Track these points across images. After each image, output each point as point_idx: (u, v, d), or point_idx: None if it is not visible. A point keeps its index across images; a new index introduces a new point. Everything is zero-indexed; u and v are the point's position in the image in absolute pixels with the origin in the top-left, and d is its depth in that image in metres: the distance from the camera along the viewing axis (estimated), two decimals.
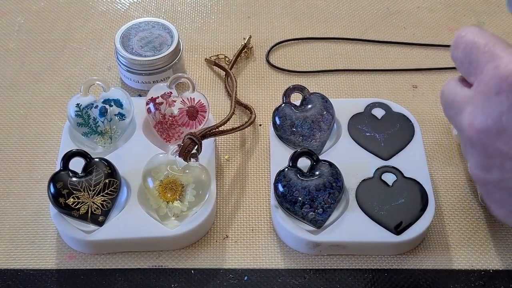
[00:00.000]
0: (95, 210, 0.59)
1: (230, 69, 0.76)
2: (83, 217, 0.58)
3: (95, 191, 0.59)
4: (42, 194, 0.64)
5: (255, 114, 0.69)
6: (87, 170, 0.60)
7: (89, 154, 0.61)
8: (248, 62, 0.79)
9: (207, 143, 0.63)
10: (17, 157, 0.68)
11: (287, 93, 0.67)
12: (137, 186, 0.61)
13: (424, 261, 0.59)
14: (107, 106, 0.65)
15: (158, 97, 0.66)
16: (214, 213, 0.62)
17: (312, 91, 0.68)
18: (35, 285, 0.58)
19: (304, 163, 0.61)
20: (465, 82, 0.45)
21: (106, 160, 0.61)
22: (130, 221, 0.59)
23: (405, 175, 0.61)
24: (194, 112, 0.66)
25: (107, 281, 0.58)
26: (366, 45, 0.81)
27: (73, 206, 0.58)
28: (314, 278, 0.58)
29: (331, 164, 0.61)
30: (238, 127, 0.65)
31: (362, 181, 0.61)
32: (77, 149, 0.61)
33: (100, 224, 0.59)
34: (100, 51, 0.80)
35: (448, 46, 0.47)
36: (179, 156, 0.60)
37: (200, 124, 0.66)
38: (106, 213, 0.59)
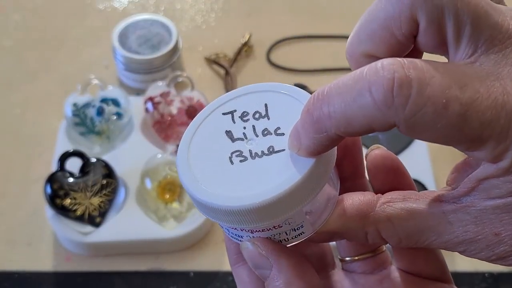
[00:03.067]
0: (92, 211, 0.58)
1: (230, 67, 0.75)
2: (80, 219, 0.58)
3: (92, 192, 0.58)
4: (38, 195, 0.63)
5: None
6: (84, 170, 0.60)
7: (86, 154, 0.60)
8: (248, 60, 0.78)
9: None
10: (13, 157, 0.67)
11: None
12: (135, 187, 0.60)
13: None
14: (105, 106, 0.65)
15: (157, 96, 0.65)
16: None
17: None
18: (31, 287, 0.57)
19: None
20: None
21: (104, 161, 0.60)
22: (128, 223, 0.58)
23: None
24: (193, 112, 0.65)
25: (105, 283, 0.57)
26: None
27: (70, 207, 0.57)
28: None
29: None
30: None
31: None
32: (74, 149, 0.60)
33: (98, 225, 0.58)
34: (98, 49, 0.79)
35: None
36: None
37: None
38: (103, 214, 0.58)
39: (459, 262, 0.58)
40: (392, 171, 0.27)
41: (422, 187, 0.60)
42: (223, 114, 0.26)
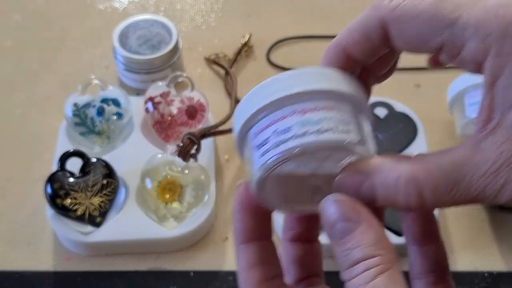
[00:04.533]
0: (92, 211, 0.58)
1: (230, 68, 0.75)
2: (80, 218, 0.58)
3: (92, 191, 0.59)
4: (39, 195, 0.63)
5: None
6: (84, 170, 0.60)
7: (87, 154, 0.60)
8: (248, 61, 0.78)
9: (206, 143, 0.63)
10: (13, 157, 0.67)
11: None
12: (135, 187, 0.60)
13: None
14: (105, 106, 0.65)
15: (157, 96, 0.65)
16: (214, 214, 0.62)
17: None
18: (31, 287, 0.57)
19: None
20: None
21: (104, 160, 0.60)
22: (128, 223, 0.58)
23: None
24: (193, 112, 0.65)
25: (105, 283, 0.57)
26: None
27: (70, 207, 0.57)
28: None
29: None
30: None
31: None
32: (75, 149, 0.60)
33: (98, 225, 0.58)
34: (98, 49, 0.79)
35: None
36: (178, 156, 0.59)
37: (199, 124, 0.65)
38: (103, 214, 0.58)
39: (459, 262, 0.58)
40: None
41: None
42: None
